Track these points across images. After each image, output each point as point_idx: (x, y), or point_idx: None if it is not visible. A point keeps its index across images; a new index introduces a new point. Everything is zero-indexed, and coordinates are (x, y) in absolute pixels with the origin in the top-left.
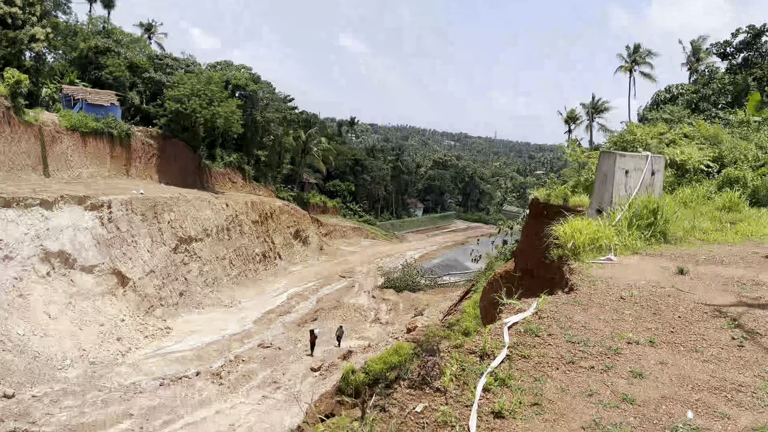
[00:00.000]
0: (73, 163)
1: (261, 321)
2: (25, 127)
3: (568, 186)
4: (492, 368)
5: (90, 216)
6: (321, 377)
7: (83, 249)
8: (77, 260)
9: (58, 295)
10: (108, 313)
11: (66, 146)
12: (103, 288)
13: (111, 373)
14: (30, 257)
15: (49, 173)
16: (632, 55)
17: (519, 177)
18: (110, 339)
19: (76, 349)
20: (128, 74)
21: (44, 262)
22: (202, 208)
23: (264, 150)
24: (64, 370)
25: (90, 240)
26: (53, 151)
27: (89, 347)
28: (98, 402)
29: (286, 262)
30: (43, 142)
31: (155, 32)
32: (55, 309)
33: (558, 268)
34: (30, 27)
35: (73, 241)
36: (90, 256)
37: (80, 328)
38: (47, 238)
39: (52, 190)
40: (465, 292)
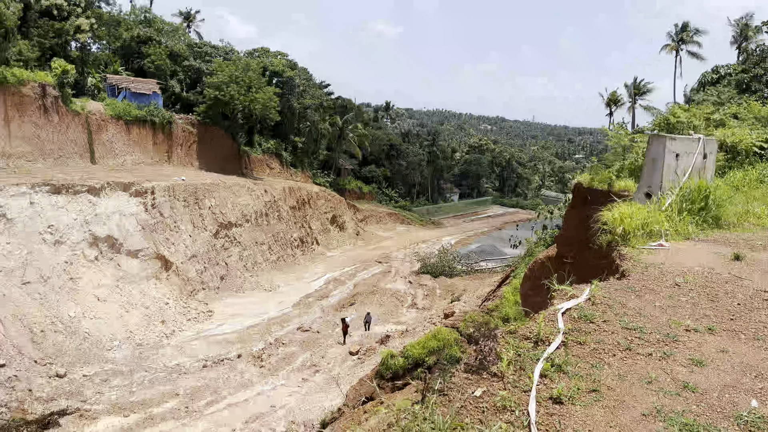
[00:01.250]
0: (118, 150)
1: (299, 305)
2: (73, 116)
3: (613, 170)
4: (548, 354)
5: (134, 202)
6: (359, 361)
7: (129, 234)
8: (123, 245)
9: (106, 278)
10: (153, 296)
11: (111, 134)
12: (147, 272)
13: (156, 355)
14: (79, 242)
15: (95, 160)
16: (679, 33)
17: (557, 161)
18: (155, 321)
19: (123, 330)
20: (169, 63)
21: (92, 246)
22: (241, 194)
23: (301, 136)
24: (112, 350)
25: (135, 225)
26: (99, 139)
27: (135, 329)
28: (145, 382)
29: (323, 248)
30: (89, 130)
31: (194, 21)
32: (103, 292)
33: (607, 254)
34: (75, 18)
35: (120, 226)
36: (135, 241)
37: (127, 311)
38: (95, 224)
39: (98, 177)
40: (504, 277)
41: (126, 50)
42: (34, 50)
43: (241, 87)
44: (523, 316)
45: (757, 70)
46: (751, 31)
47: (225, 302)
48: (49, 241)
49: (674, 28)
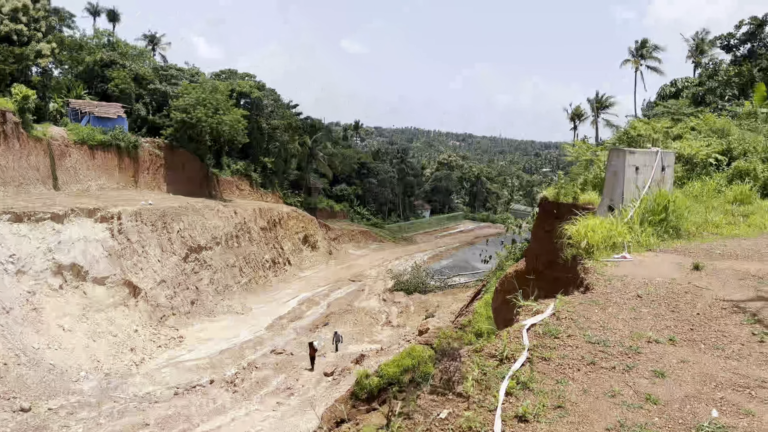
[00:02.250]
0: (82, 176)
1: (273, 327)
2: (34, 142)
3: (577, 184)
4: (513, 371)
5: (100, 228)
6: (334, 382)
7: (95, 261)
8: (89, 272)
9: (71, 307)
10: (121, 324)
11: (74, 159)
12: (115, 299)
13: (125, 384)
14: (42, 271)
15: (58, 187)
16: (639, 50)
17: (525, 175)
18: (124, 350)
19: (90, 360)
20: (134, 86)
21: (57, 275)
22: (211, 216)
23: (270, 157)
24: (79, 382)
25: (101, 252)
26: (62, 164)
27: (103, 358)
28: (114, 413)
29: (296, 268)
30: (52, 156)
31: (159, 44)
32: (68, 321)
33: (572, 267)
34: (36, 43)
35: (85, 253)
36: (101, 267)
37: (94, 340)
38: (59, 252)
39: (62, 203)
40: (476, 292)
41: (89, 74)
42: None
43: (208, 109)
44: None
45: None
46: (705, 45)
47: (196, 327)
48: (10, 271)
49: (635, 44)
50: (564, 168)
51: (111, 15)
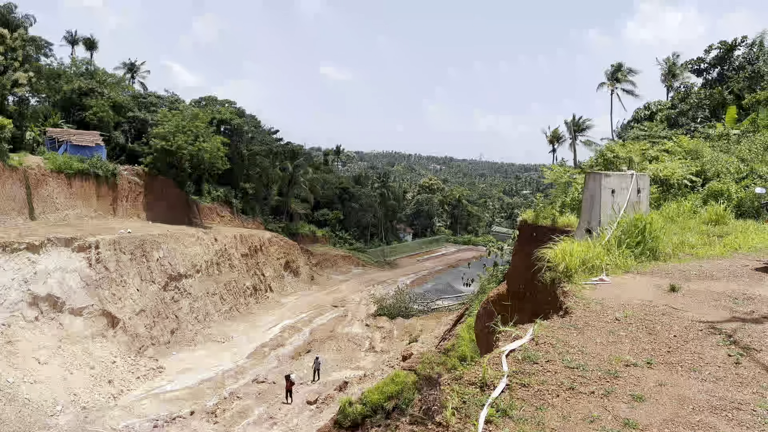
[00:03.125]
0: (60, 204)
1: (254, 355)
2: (10, 171)
3: (556, 206)
4: (493, 399)
5: (78, 258)
6: (317, 410)
7: (72, 291)
8: (66, 303)
9: (47, 339)
10: (98, 355)
11: (51, 188)
12: (92, 330)
13: (103, 417)
14: (18, 302)
15: (35, 216)
16: (615, 73)
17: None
18: (101, 382)
19: (67, 394)
20: (112, 114)
21: (32, 306)
22: (191, 244)
23: (251, 183)
24: (55, 416)
25: (78, 282)
26: (39, 193)
27: (80, 391)
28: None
29: (278, 294)
30: (28, 185)
31: (138, 71)
32: (44, 354)
33: (551, 291)
34: (12, 72)
35: (62, 283)
36: (79, 298)
37: (71, 373)
38: (35, 282)
39: (38, 233)
40: (459, 316)
41: (67, 103)
42: None
43: (188, 136)
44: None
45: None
46: (677, 69)
47: (176, 357)
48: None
49: (610, 68)
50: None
51: (88, 43)
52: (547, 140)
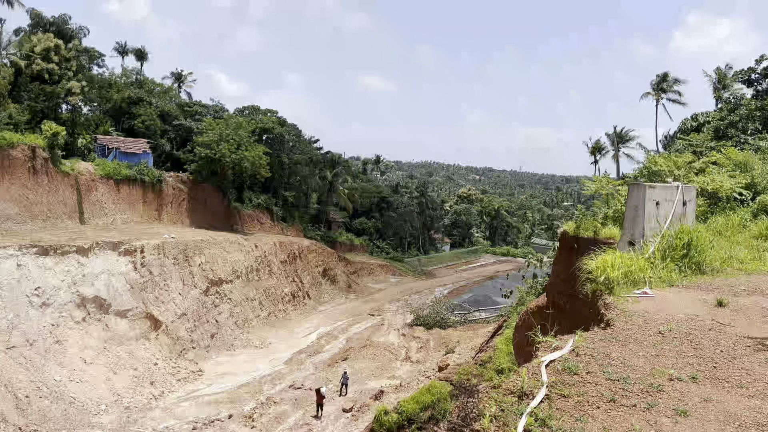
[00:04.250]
0: (108, 209)
1: (291, 362)
2: (62, 176)
3: (598, 218)
4: (531, 408)
5: (124, 261)
6: (353, 418)
7: (117, 294)
8: (112, 305)
9: (93, 340)
10: (141, 357)
11: (101, 194)
12: (136, 332)
13: (145, 418)
14: (66, 303)
15: (84, 220)
16: (660, 83)
17: (546, 209)
18: (144, 383)
19: (110, 394)
20: (159, 122)
21: (80, 307)
22: (232, 250)
23: (291, 191)
24: (99, 415)
25: (124, 285)
26: (88, 198)
27: (123, 392)
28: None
29: (315, 302)
30: (78, 190)
31: (185, 81)
32: (90, 354)
33: (592, 303)
34: (66, 81)
35: (108, 286)
36: (124, 300)
37: (115, 373)
38: (83, 284)
39: (87, 236)
40: (497, 328)
41: (117, 111)
42: (24, 113)
43: (231, 145)
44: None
45: (733, 117)
46: (728, 80)
47: (215, 361)
48: (35, 303)
49: (655, 78)
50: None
51: (139, 54)
52: (588, 151)
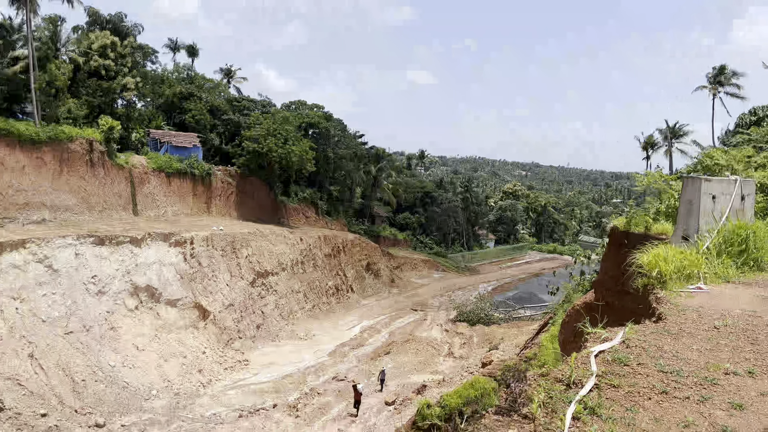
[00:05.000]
0: (159, 202)
1: (335, 354)
2: (117, 169)
3: (650, 213)
4: (580, 397)
5: (174, 252)
6: (396, 411)
7: (168, 284)
8: (163, 294)
9: (145, 327)
10: (190, 345)
11: (153, 186)
12: (185, 321)
13: (193, 404)
14: (120, 292)
15: (137, 212)
16: (717, 76)
17: (595, 206)
18: (192, 371)
19: (161, 380)
20: (209, 117)
21: (133, 296)
22: (278, 242)
23: (336, 185)
24: (150, 400)
25: (174, 275)
26: (141, 191)
27: (173, 378)
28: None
29: (358, 295)
30: (132, 183)
31: (234, 76)
32: (142, 341)
33: (643, 297)
34: (122, 77)
35: (159, 276)
36: (174, 290)
37: (165, 360)
38: (136, 274)
39: (140, 227)
40: (542, 325)
41: (168, 106)
42: (82, 108)
43: (278, 139)
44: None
45: None
46: None
47: (261, 351)
48: (92, 291)
49: (712, 71)
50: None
51: (190, 50)
52: (640, 147)
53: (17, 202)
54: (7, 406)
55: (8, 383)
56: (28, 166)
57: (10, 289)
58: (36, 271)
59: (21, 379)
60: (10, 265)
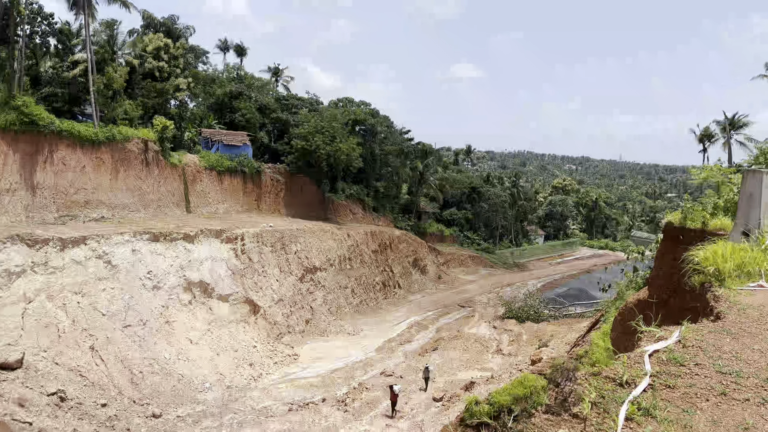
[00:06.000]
0: (211, 199)
1: (382, 349)
2: (171, 168)
3: (707, 208)
4: (634, 397)
5: (225, 248)
6: (443, 408)
7: (220, 279)
8: (215, 289)
9: (198, 322)
10: (241, 339)
11: (205, 184)
12: (237, 316)
13: (245, 397)
14: (175, 287)
15: (190, 209)
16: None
17: (648, 201)
18: (243, 364)
19: (214, 373)
20: (258, 116)
21: (187, 291)
22: (325, 238)
23: (382, 181)
24: (204, 392)
25: (226, 270)
26: (194, 189)
27: (225, 372)
28: (234, 424)
29: (405, 291)
30: (185, 181)
31: (281, 75)
32: (196, 335)
33: (700, 295)
34: (174, 78)
35: (212, 271)
36: (226, 285)
37: (217, 354)
38: (189, 269)
39: (192, 224)
40: (593, 322)
41: (219, 105)
42: (137, 109)
43: (325, 137)
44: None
45: None
46: None
47: (309, 346)
48: (148, 286)
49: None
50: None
51: (238, 50)
52: (696, 139)
53: (78, 201)
54: (69, 396)
55: (71, 374)
56: (88, 165)
57: (72, 283)
58: (96, 267)
59: (83, 371)
60: (72, 261)
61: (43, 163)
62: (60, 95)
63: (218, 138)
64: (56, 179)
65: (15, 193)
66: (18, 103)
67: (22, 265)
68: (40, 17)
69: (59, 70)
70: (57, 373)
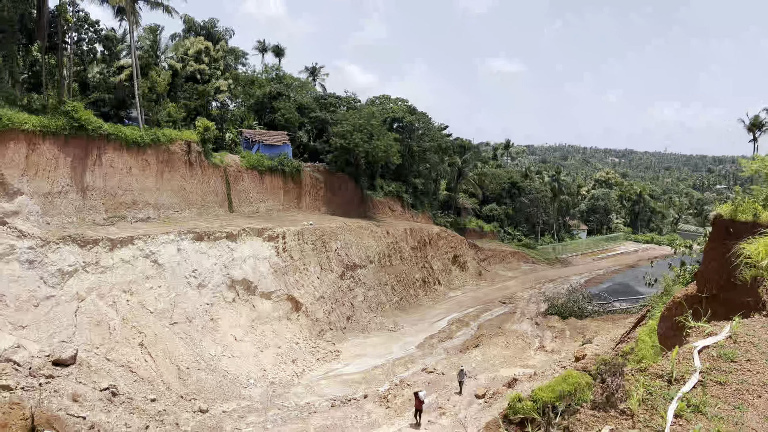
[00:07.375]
0: (252, 198)
1: (423, 346)
2: (213, 168)
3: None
4: (683, 393)
5: (267, 246)
6: (486, 405)
7: (262, 277)
8: (258, 287)
9: (242, 319)
10: (284, 336)
11: (246, 184)
12: (279, 313)
13: (288, 393)
14: (219, 285)
15: (232, 209)
16: None
17: (695, 193)
18: (287, 361)
19: (258, 369)
20: (297, 115)
21: (230, 289)
22: (365, 236)
23: (420, 178)
24: (248, 388)
25: (268, 268)
26: (236, 188)
27: (269, 368)
28: (278, 419)
29: (445, 288)
30: (227, 181)
31: (318, 74)
32: (240, 332)
33: (752, 289)
34: (215, 80)
35: (254, 269)
36: (268, 283)
37: (261, 350)
38: (232, 267)
39: (235, 223)
40: (639, 319)
41: (259, 106)
42: (180, 111)
43: (364, 135)
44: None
45: None
46: None
47: (351, 342)
48: (193, 284)
49: None
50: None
51: (276, 51)
52: (745, 128)
53: (125, 202)
54: (120, 391)
55: (121, 370)
56: (134, 167)
57: (121, 282)
58: (143, 266)
59: (133, 366)
60: (120, 260)
61: (92, 165)
62: (107, 100)
63: (258, 138)
64: (105, 181)
65: (66, 195)
66: (68, 108)
67: (74, 265)
68: (86, 24)
69: (106, 75)
70: (109, 369)
